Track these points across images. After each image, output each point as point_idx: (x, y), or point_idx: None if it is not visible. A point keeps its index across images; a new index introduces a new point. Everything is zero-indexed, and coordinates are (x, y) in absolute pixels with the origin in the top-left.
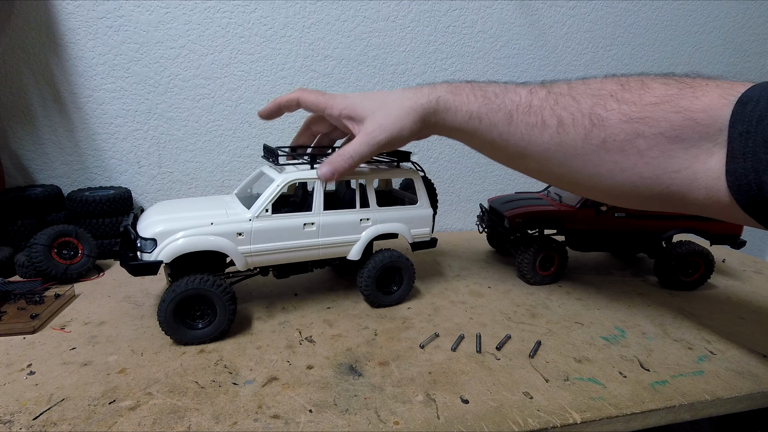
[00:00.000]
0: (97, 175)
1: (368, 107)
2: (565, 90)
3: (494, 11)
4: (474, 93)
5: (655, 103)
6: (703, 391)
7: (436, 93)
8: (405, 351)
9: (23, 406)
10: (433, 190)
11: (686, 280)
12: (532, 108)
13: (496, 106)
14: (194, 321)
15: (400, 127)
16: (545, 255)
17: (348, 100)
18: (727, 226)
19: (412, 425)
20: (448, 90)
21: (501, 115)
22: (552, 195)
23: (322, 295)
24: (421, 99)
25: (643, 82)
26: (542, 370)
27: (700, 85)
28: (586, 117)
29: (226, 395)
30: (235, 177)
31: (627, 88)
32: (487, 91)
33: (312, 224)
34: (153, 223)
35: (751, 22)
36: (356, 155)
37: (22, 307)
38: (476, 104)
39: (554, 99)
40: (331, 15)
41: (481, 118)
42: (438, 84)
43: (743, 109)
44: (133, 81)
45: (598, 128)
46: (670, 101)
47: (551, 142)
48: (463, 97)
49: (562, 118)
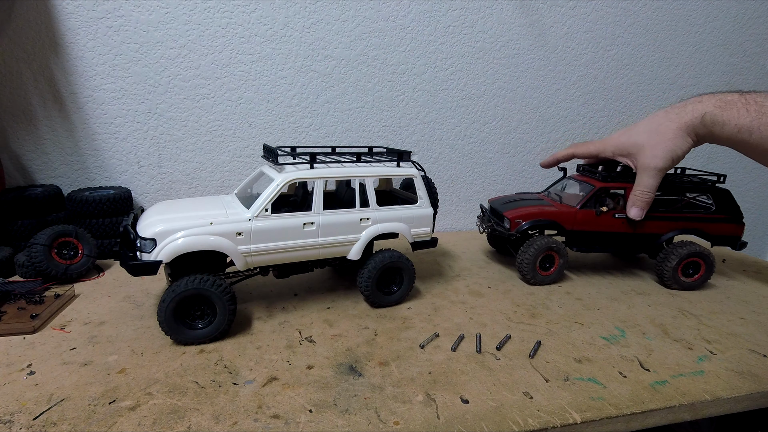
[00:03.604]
0: (97, 175)
1: (638, 142)
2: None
3: (494, 11)
4: (747, 107)
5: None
6: (703, 391)
7: (701, 108)
8: (405, 351)
9: (23, 406)
10: (433, 190)
11: (687, 281)
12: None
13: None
14: (194, 321)
15: (673, 149)
16: (545, 255)
17: (615, 141)
18: (727, 228)
19: (412, 425)
20: (717, 104)
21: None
22: (552, 196)
23: (322, 295)
24: (686, 117)
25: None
26: (542, 370)
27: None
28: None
29: (226, 395)
30: (235, 177)
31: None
32: (763, 107)
33: (312, 224)
34: (153, 223)
35: (751, 22)
36: (651, 189)
37: (22, 307)
38: (747, 119)
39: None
40: (331, 15)
41: (752, 131)
42: (704, 96)
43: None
44: (133, 81)
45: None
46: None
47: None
48: (734, 111)
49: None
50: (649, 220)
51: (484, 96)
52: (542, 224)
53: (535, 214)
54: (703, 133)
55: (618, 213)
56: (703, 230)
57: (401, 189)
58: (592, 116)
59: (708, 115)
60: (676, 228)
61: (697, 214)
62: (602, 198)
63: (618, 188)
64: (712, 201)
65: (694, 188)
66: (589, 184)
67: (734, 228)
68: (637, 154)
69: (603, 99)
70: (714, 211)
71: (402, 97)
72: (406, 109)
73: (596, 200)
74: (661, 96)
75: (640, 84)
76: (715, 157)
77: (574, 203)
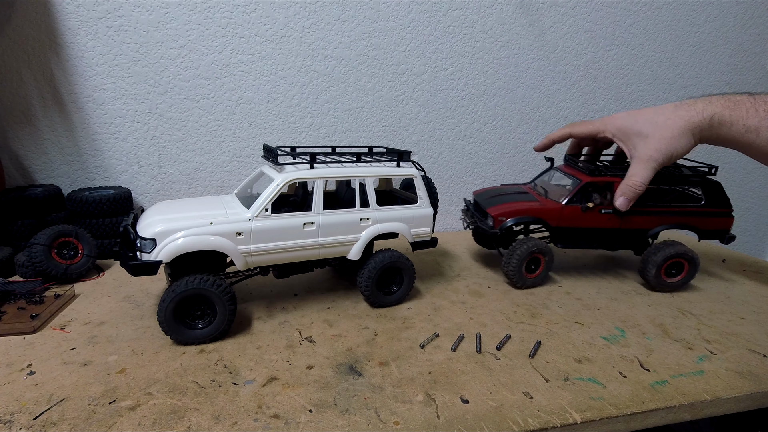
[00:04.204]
0: (97, 175)
1: (642, 131)
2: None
3: (494, 11)
4: (756, 108)
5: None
6: (703, 391)
7: (711, 109)
8: (405, 351)
9: (23, 406)
10: (433, 190)
11: (670, 281)
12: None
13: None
14: (194, 321)
15: (675, 147)
16: (530, 258)
17: (618, 122)
18: (717, 222)
19: (412, 425)
20: (725, 105)
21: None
22: (538, 189)
23: (322, 295)
24: (695, 117)
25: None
26: (542, 370)
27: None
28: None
29: (226, 395)
30: (235, 177)
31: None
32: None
33: (312, 224)
34: (152, 223)
35: (751, 22)
36: (644, 181)
37: (22, 307)
38: (756, 119)
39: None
40: (331, 15)
41: (759, 132)
42: (714, 96)
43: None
44: (133, 81)
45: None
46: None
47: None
48: (742, 111)
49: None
50: (637, 216)
51: (484, 96)
52: (527, 221)
53: (519, 211)
54: (708, 135)
55: (604, 209)
56: (691, 224)
57: (401, 189)
58: (592, 116)
59: (717, 116)
60: (664, 223)
61: (686, 208)
62: (589, 193)
63: (605, 183)
64: (701, 193)
65: (684, 180)
66: (576, 178)
67: (723, 221)
68: (638, 143)
69: (603, 99)
70: (704, 204)
71: (402, 97)
72: (406, 109)
73: (583, 195)
74: (661, 96)
75: (640, 84)
76: (714, 156)
77: (560, 196)
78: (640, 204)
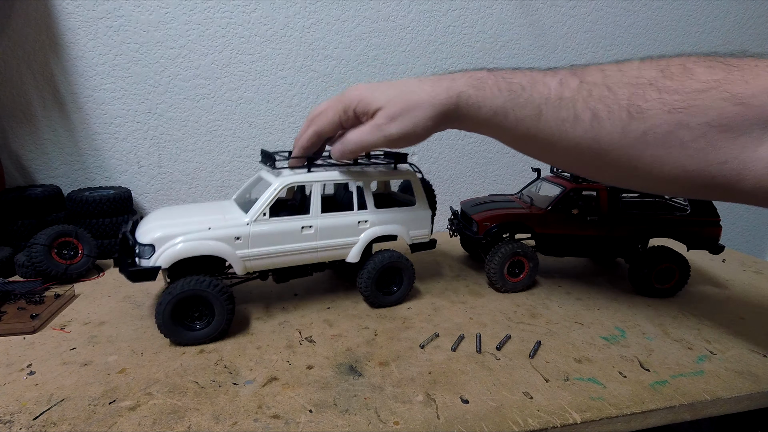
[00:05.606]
0: (97, 175)
1: (380, 99)
2: (599, 79)
3: (494, 11)
4: (498, 86)
5: (700, 90)
6: (703, 391)
7: (456, 88)
8: (405, 351)
9: (23, 406)
10: (431, 192)
11: (661, 288)
12: (563, 101)
13: (523, 101)
14: (192, 322)
15: (414, 123)
16: (514, 261)
17: (357, 92)
18: (704, 231)
19: (412, 425)
20: (470, 84)
21: (528, 111)
22: (524, 198)
23: (322, 295)
24: (441, 94)
25: (686, 67)
26: (542, 370)
27: (749, 66)
28: (624, 109)
29: (226, 395)
30: (235, 177)
31: (668, 74)
32: (512, 84)
33: (310, 227)
34: (151, 229)
35: (751, 22)
36: (360, 141)
37: (22, 307)
38: (501, 99)
39: (587, 90)
40: (331, 15)
41: (506, 114)
42: (458, 74)
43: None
44: (133, 81)
45: (638, 121)
46: (717, 87)
47: (585, 136)
48: (487, 91)
49: (596, 111)
50: (623, 225)
51: None
52: (511, 227)
53: (502, 217)
54: (455, 117)
55: (590, 216)
56: (679, 233)
57: (399, 191)
58: None
59: (463, 95)
60: (650, 233)
61: (672, 216)
62: (574, 200)
63: (590, 190)
64: (687, 202)
65: None
66: (561, 186)
67: (711, 231)
68: (377, 113)
69: None
70: (689, 214)
71: None
72: None
73: (567, 202)
74: None
75: None
76: None
77: (544, 206)
78: (624, 213)
